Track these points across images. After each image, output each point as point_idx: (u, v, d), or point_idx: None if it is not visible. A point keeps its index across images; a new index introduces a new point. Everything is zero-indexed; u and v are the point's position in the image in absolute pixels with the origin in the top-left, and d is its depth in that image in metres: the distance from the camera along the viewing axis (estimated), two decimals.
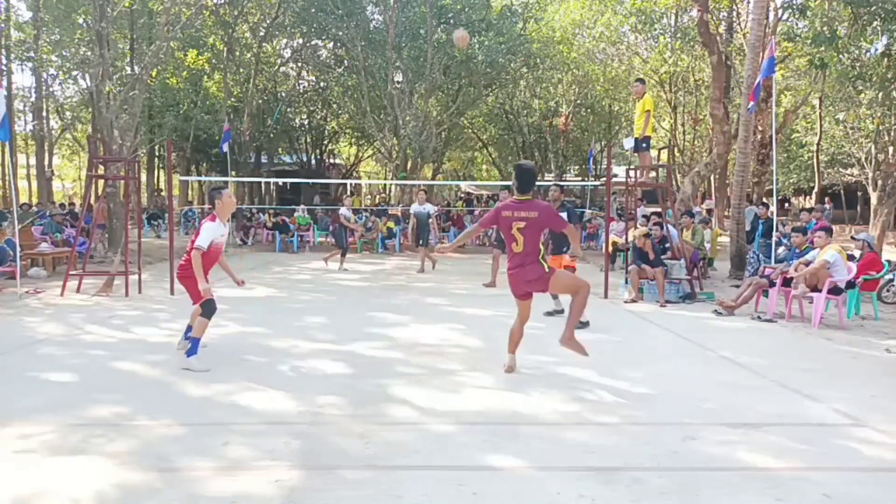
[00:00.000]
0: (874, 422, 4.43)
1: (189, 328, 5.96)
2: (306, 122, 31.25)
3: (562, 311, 8.46)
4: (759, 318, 8.32)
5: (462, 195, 38.47)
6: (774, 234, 10.67)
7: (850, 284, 8.26)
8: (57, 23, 19.41)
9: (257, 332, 7.15)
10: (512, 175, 5.38)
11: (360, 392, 4.95)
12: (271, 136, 27.52)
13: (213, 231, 5.65)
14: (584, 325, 7.36)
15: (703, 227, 12.75)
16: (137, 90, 14.68)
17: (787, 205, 39.26)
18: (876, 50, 15.37)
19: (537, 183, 11.48)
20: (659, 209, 11.48)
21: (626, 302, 9.60)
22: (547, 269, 5.23)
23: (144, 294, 9.73)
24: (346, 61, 24.56)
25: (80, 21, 17.57)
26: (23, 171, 32.19)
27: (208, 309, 5.59)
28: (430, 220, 13.34)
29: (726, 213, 23.57)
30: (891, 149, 18.19)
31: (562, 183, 25.93)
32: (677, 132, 26.62)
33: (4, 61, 21.42)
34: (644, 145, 10.57)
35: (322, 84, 28.35)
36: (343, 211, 13.64)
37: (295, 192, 31.74)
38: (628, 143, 12.06)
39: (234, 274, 6.17)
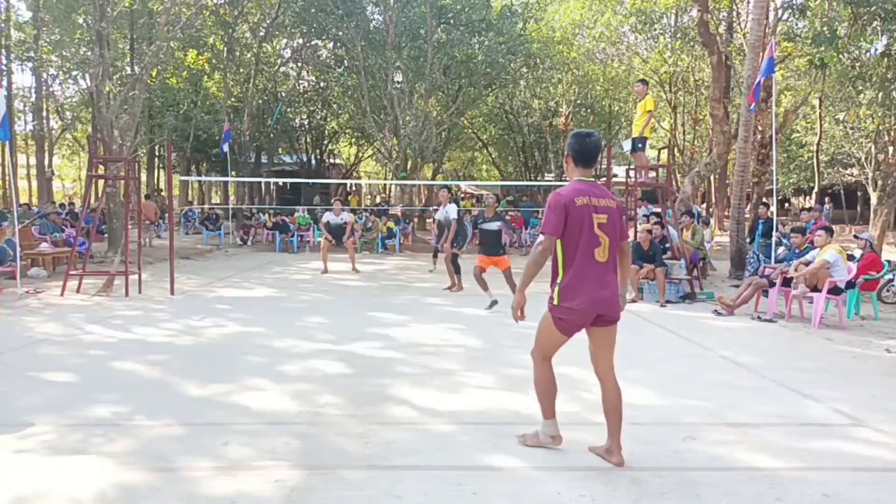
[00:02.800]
0: (874, 422, 4.43)
1: None
2: (306, 122, 31.23)
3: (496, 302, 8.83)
4: (759, 318, 8.32)
5: (462, 195, 38.46)
6: (774, 234, 10.67)
7: (850, 284, 8.26)
8: (57, 23, 19.41)
9: (257, 332, 7.15)
10: (567, 147, 3.72)
11: (359, 392, 4.95)
12: (271, 136, 27.51)
13: None
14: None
15: (703, 227, 12.76)
16: (137, 90, 14.68)
17: (787, 205, 39.27)
18: (876, 50, 15.38)
19: (541, 183, 11.44)
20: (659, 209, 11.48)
21: None
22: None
23: (144, 294, 9.73)
24: (346, 61, 24.55)
25: (80, 21, 17.58)
26: (23, 171, 32.17)
27: None
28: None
29: (726, 213, 23.57)
30: (891, 149, 18.20)
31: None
32: (677, 132, 26.61)
33: (4, 61, 21.42)
34: (640, 146, 10.60)
35: (322, 84, 28.34)
36: (452, 209, 11.22)
37: (295, 192, 31.74)
38: (627, 145, 12.08)
39: None
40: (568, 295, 3.50)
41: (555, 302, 3.55)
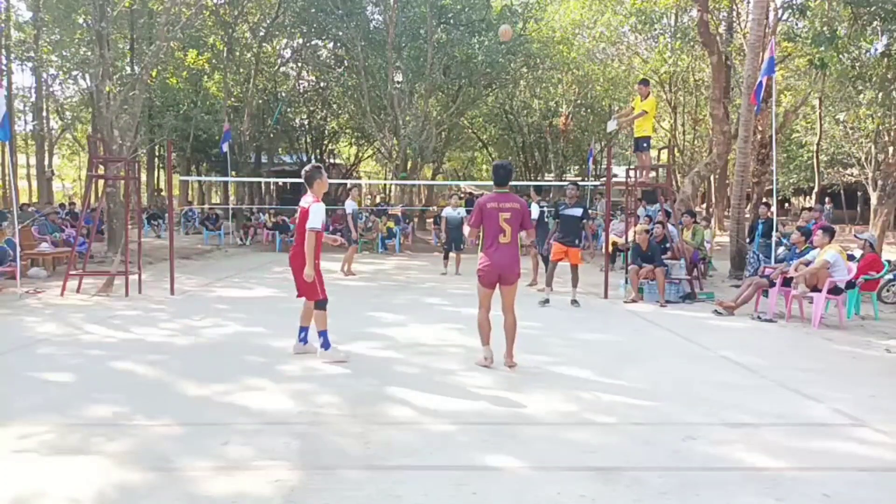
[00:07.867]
0: (874, 422, 4.43)
1: (303, 329, 6.16)
2: (306, 122, 31.21)
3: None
4: (759, 318, 8.32)
5: (463, 195, 38.44)
6: (774, 234, 10.67)
7: (850, 284, 8.25)
8: (57, 23, 19.37)
9: (257, 332, 7.15)
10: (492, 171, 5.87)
11: (359, 392, 4.95)
12: (271, 136, 27.49)
13: (323, 211, 5.84)
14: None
15: (704, 227, 12.74)
16: (137, 90, 14.66)
17: (787, 205, 39.26)
18: (876, 50, 15.37)
19: (541, 183, 11.63)
20: (668, 209, 11.43)
21: (625, 302, 9.59)
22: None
23: (144, 294, 9.72)
24: (346, 61, 24.54)
25: (80, 21, 17.53)
26: (23, 171, 32.14)
27: (322, 303, 5.89)
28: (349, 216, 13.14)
29: (726, 213, 23.57)
30: (891, 149, 18.18)
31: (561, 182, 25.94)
32: (677, 132, 26.60)
33: (4, 61, 21.40)
34: (644, 145, 10.59)
35: (322, 84, 28.32)
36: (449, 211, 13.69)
37: (295, 192, 31.71)
38: (612, 125, 12.15)
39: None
40: (483, 260, 5.61)
41: (479, 263, 5.65)
